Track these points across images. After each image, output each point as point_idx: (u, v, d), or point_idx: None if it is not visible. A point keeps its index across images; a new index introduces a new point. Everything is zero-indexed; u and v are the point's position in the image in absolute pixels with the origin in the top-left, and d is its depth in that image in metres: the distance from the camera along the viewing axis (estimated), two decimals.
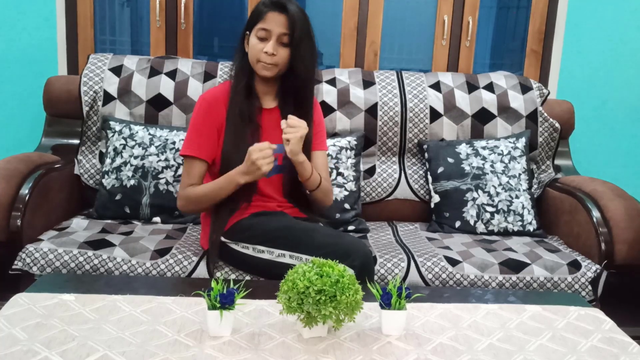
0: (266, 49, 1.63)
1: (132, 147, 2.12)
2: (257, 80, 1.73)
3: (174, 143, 2.12)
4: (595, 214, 1.97)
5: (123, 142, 2.13)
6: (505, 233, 2.17)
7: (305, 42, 1.65)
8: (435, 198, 2.22)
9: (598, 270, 1.86)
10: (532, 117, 2.39)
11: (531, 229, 2.17)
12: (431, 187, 2.25)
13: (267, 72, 1.67)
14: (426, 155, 2.30)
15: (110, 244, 1.80)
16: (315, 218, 1.81)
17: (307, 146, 1.72)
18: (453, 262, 1.84)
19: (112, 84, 2.28)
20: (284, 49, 1.65)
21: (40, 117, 2.39)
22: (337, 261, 1.22)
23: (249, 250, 1.68)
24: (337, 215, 2.12)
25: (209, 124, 1.70)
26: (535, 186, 2.36)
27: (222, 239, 1.71)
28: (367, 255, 1.59)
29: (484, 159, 2.22)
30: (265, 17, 1.64)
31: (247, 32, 1.70)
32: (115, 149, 2.13)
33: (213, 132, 1.70)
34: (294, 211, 1.79)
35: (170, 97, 2.28)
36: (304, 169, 1.65)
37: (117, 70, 2.30)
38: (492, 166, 2.21)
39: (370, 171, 2.33)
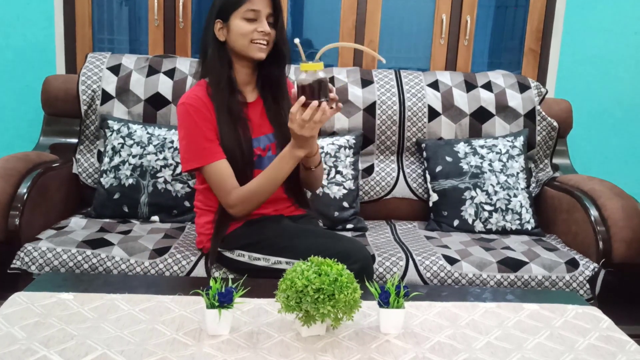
0: (262, 29, 1.59)
1: (131, 146, 2.11)
2: (237, 71, 1.67)
3: (172, 142, 2.12)
4: (593, 212, 1.98)
5: (121, 141, 2.13)
6: (504, 232, 2.17)
7: (283, 23, 1.64)
8: (434, 197, 2.22)
9: (596, 269, 1.87)
10: (530, 116, 2.40)
11: (529, 228, 2.17)
12: (429, 185, 2.25)
13: (262, 54, 1.61)
14: (424, 154, 2.30)
15: (109, 243, 1.80)
16: (313, 214, 1.80)
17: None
18: (451, 261, 1.84)
19: (110, 83, 2.27)
20: (272, 29, 1.63)
21: (39, 116, 2.39)
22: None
23: (244, 257, 1.66)
24: (336, 214, 2.12)
25: (208, 126, 1.61)
26: (533, 185, 2.36)
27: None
28: (366, 258, 1.58)
29: (482, 157, 2.22)
30: None
31: (220, 20, 1.63)
32: (113, 148, 2.13)
33: (215, 133, 1.62)
34: (290, 210, 1.77)
35: (169, 96, 2.28)
36: (314, 142, 1.56)
37: (115, 69, 2.30)
38: (490, 165, 2.21)
39: (369, 170, 2.33)
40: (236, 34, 1.61)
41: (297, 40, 1.47)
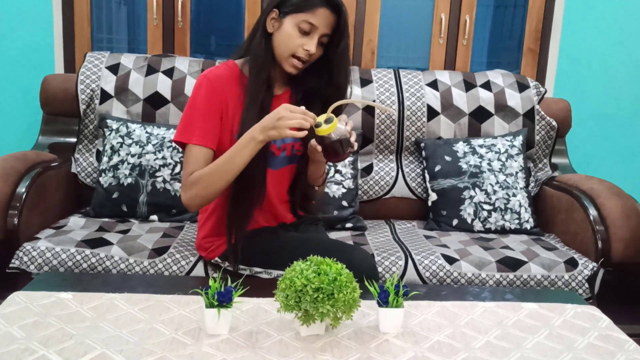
0: (308, 47, 1.49)
1: (129, 146, 2.11)
2: (276, 68, 1.57)
3: (170, 141, 2.12)
4: (592, 212, 1.98)
5: (120, 140, 2.13)
6: (503, 231, 2.17)
7: (348, 49, 1.55)
8: (433, 196, 2.23)
9: (595, 268, 1.87)
10: (529, 115, 2.40)
11: (528, 227, 2.17)
12: (428, 185, 2.25)
13: (293, 70, 1.53)
14: (423, 153, 2.30)
15: (108, 243, 1.80)
16: (316, 216, 1.78)
17: None
18: (450, 260, 1.84)
19: (109, 82, 2.27)
20: (320, 48, 1.53)
21: (37, 116, 2.38)
22: None
23: (246, 271, 1.64)
24: (335, 213, 2.12)
25: (213, 108, 1.53)
26: (532, 184, 2.36)
27: (218, 261, 1.68)
28: (372, 266, 1.56)
29: (481, 157, 2.23)
30: (316, 11, 1.48)
31: (276, 10, 1.52)
32: (112, 147, 2.13)
33: (217, 117, 1.54)
34: (291, 217, 1.73)
35: (168, 96, 2.28)
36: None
37: (114, 69, 2.30)
38: (489, 164, 2.21)
39: (368, 169, 2.33)
40: (283, 37, 1.51)
41: (302, 109, 1.41)
